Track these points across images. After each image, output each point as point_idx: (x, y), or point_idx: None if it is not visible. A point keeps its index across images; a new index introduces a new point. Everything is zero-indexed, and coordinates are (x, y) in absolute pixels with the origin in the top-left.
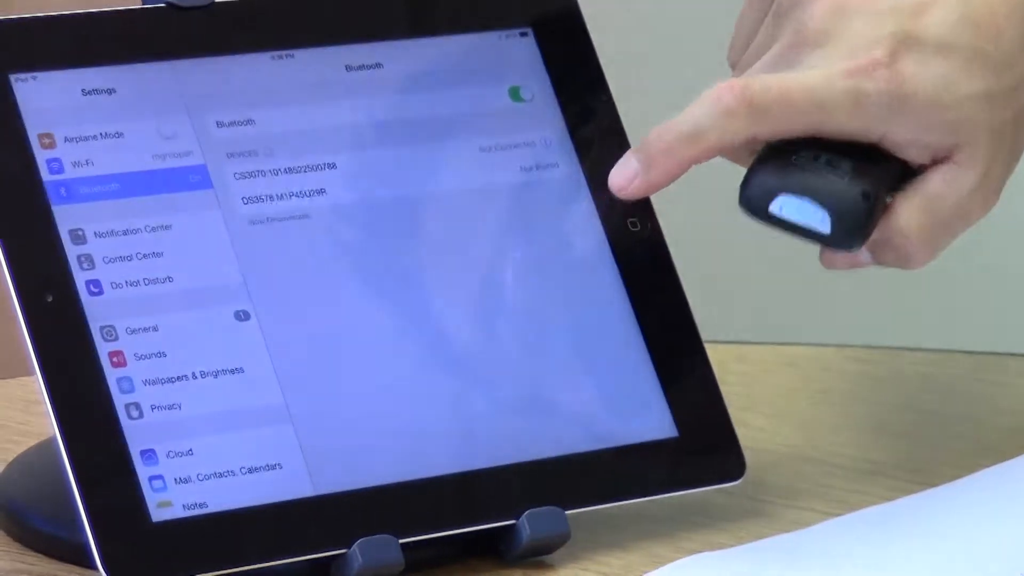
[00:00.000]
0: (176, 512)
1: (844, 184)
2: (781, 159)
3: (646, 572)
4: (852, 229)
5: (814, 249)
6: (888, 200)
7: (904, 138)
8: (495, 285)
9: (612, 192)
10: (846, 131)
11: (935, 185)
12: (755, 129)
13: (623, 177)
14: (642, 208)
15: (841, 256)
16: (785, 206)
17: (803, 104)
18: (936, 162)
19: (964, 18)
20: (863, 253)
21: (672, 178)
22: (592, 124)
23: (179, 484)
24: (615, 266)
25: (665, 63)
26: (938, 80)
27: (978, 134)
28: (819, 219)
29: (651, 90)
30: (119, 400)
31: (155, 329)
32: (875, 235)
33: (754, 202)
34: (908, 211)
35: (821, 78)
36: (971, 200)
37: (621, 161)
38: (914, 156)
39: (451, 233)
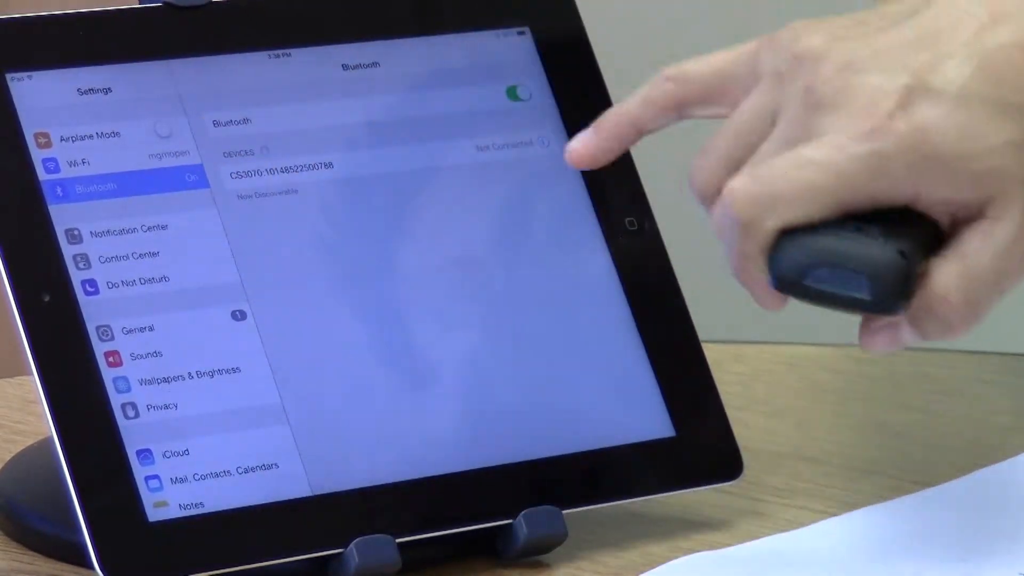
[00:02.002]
0: (172, 512)
1: (878, 246)
2: (807, 230)
3: (643, 571)
4: (893, 291)
5: None
6: (923, 267)
7: (934, 196)
8: (492, 284)
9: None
10: (871, 198)
11: (971, 244)
12: (780, 220)
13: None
14: (640, 207)
15: (883, 334)
16: (820, 277)
17: (820, 181)
18: (969, 220)
19: (981, 68)
20: (904, 329)
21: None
22: (589, 123)
23: (175, 484)
24: (612, 266)
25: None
26: (961, 131)
27: (1011, 186)
28: (857, 285)
29: None
30: (115, 400)
31: (151, 329)
32: (914, 304)
33: (788, 278)
34: (946, 274)
35: (834, 149)
36: (1010, 255)
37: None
38: (946, 214)
39: (449, 233)
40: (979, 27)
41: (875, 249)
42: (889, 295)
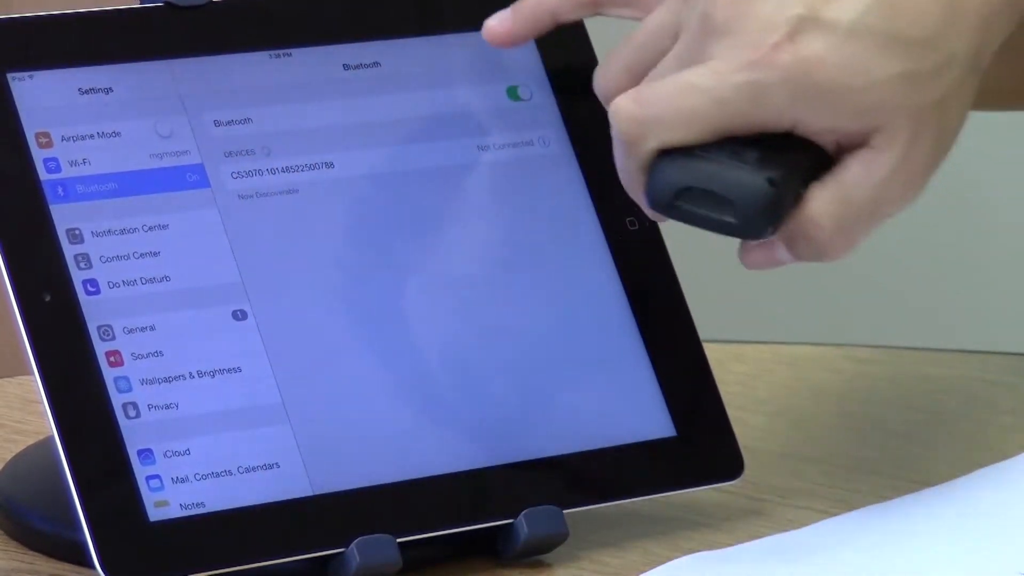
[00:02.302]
0: (173, 512)
1: (748, 172)
2: (684, 151)
3: (644, 571)
4: (759, 216)
5: None
6: (802, 191)
7: (816, 126)
8: (492, 284)
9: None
10: (752, 125)
11: (850, 172)
12: (658, 141)
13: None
14: (641, 208)
15: (758, 252)
16: (689, 198)
17: (701, 107)
18: (853, 148)
19: (879, 1)
20: (780, 249)
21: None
22: (590, 123)
23: (176, 484)
24: (613, 265)
25: None
26: (848, 63)
27: (895, 117)
28: (725, 209)
29: None
30: (116, 400)
31: (152, 328)
32: (789, 226)
33: (659, 196)
34: (821, 199)
35: (716, 76)
36: (889, 187)
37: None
38: (829, 143)
39: (448, 233)
40: None
41: (745, 175)
42: (755, 220)
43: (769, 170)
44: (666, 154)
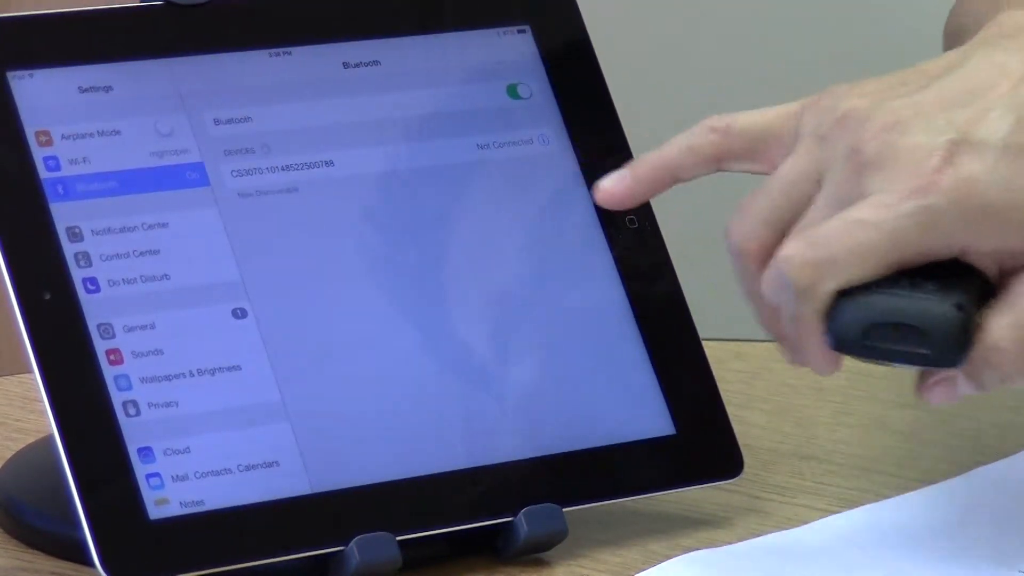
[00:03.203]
0: (173, 510)
1: (935, 301)
2: (862, 290)
3: (643, 569)
4: (953, 344)
5: None
6: (978, 319)
7: (984, 247)
8: (492, 283)
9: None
10: (923, 254)
11: (1022, 293)
12: (836, 282)
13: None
14: (640, 205)
15: (940, 388)
16: (880, 335)
17: (874, 242)
18: (1017, 270)
19: (1020, 119)
20: (961, 381)
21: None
22: (590, 121)
23: (176, 482)
24: (613, 263)
25: (663, 60)
26: (1008, 181)
27: None
28: (917, 340)
29: (649, 87)
30: (116, 398)
31: (152, 327)
32: (970, 356)
33: (848, 338)
34: (999, 325)
35: (885, 208)
36: None
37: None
38: (994, 265)
39: (448, 231)
40: (1017, 80)
41: (932, 304)
42: (949, 348)
43: (953, 297)
44: (842, 296)
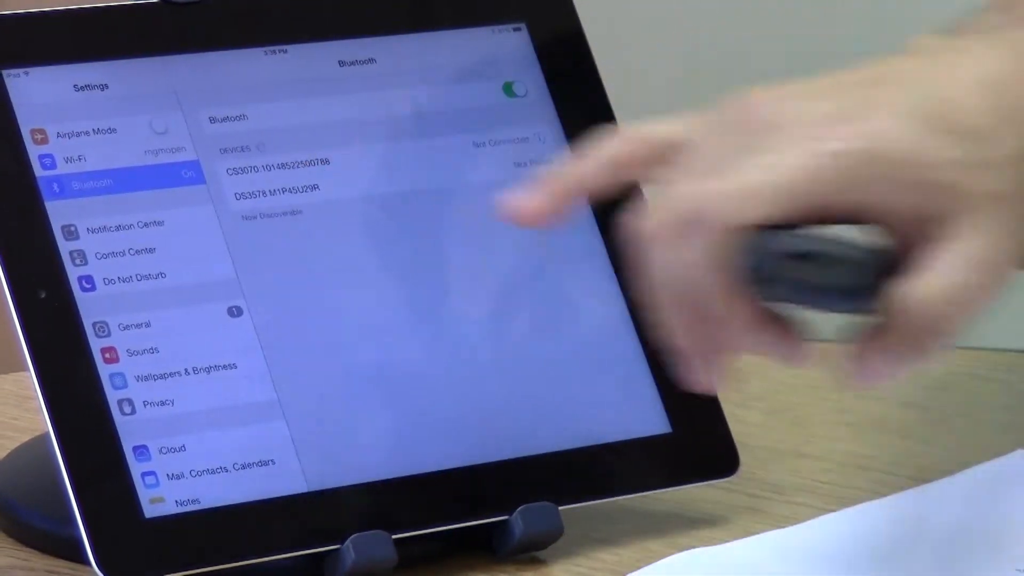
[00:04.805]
0: (169, 508)
1: (850, 243)
2: (775, 229)
3: (640, 568)
4: (868, 271)
5: None
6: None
7: (890, 202)
8: (488, 281)
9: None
10: (840, 202)
11: (937, 260)
12: (754, 216)
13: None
14: (638, 204)
15: (870, 356)
16: (794, 267)
17: (795, 179)
18: (927, 240)
19: (927, 99)
20: (885, 355)
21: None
22: (586, 119)
23: (172, 480)
24: (609, 261)
25: (658, 58)
26: (913, 141)
27: (963, 203)
28: (834, 274)
29: (645, 85)
30: (112, 396)
31: (147, 325)
32: (885, 327)
33: (764, 268)
34: (922, 281)
35: (802, 150)
36: (979, 270)
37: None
38: (903, 238)
39: (444, 229)
40: (925, 78)
41: (848, 243)
42: (865, 275)
43: (868, 247)
44: (756, 233)
